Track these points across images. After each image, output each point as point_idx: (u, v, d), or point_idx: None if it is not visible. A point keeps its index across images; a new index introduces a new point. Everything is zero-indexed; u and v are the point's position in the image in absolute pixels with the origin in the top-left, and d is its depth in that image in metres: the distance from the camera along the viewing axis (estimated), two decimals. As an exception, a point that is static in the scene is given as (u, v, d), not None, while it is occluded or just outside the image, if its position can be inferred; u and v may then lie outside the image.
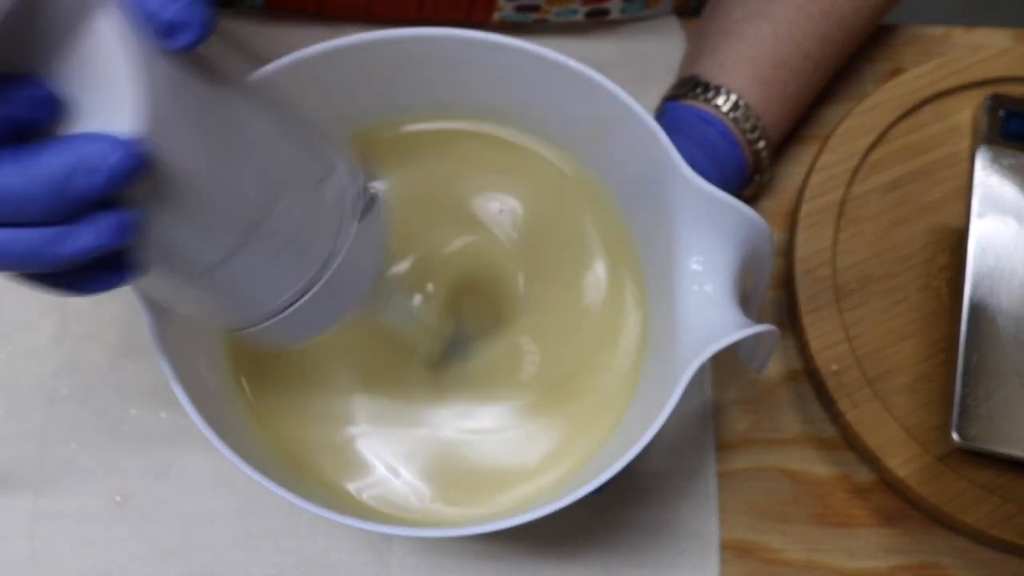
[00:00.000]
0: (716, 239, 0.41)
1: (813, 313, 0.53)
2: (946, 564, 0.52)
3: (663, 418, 0.38)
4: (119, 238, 0.27)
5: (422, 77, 0.45)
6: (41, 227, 0.26)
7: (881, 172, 0.56)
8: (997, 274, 0.53)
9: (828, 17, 0.52)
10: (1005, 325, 0.52)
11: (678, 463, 0.52)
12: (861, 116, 0.56)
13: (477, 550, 0.51)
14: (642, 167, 0.44)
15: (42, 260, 0.26)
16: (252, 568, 0.50)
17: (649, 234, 0.46)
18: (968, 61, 0.57)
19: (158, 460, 0.51)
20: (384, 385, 0.47)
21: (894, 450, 0.51)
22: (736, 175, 0.51)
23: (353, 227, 0.35)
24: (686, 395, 0.38)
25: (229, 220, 0.30)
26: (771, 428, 0.54)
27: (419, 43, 0.42)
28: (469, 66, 0.44)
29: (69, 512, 0.50)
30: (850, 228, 0.55)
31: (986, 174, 0.55)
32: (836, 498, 0.53)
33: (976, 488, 0.50)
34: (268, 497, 0.50)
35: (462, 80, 0.45)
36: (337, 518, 0.38)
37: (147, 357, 0.52)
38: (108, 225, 0.26)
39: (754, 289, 0.46)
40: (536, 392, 0.47)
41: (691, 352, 0.39)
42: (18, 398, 0.51)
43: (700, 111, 0.51)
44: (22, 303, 0.53)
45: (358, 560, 0.50)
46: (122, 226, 0.26)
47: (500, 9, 0.56)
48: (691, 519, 0.51)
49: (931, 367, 0.53)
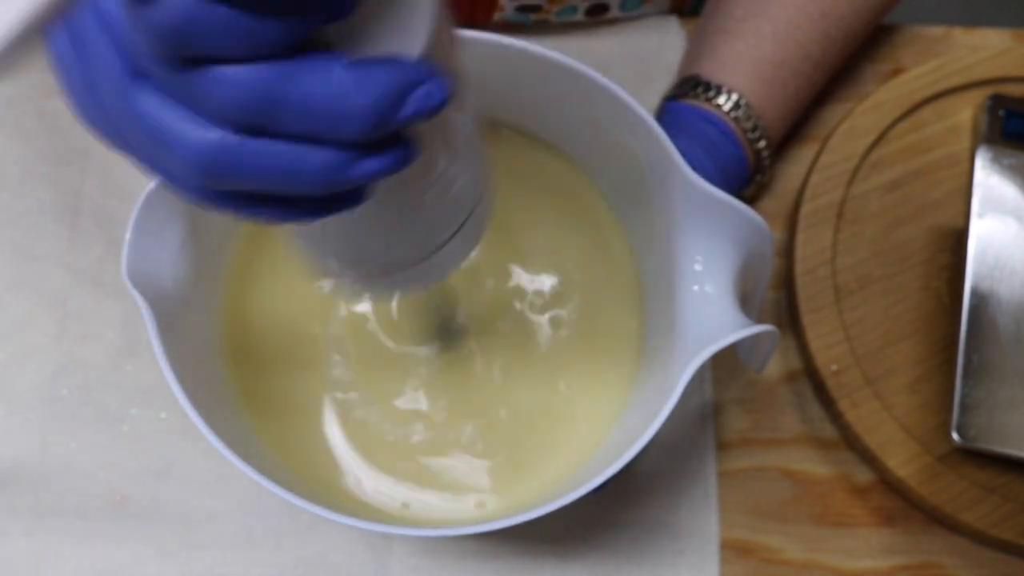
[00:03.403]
0: (716, 239, 0.41)
1: (813, 313, 0.53)
2: (946, 564, 0.52)
3: (663, 418, 0.38)
4: (397, 168, 0.25)
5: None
6: (333, 147, 0.23)
7: (881, 172, 0.56)
8: (997, 274, 0.53)
9: (828, 17, 0.52)
10: (1005, 325, 0.52)
11: (678, 463, 0.52)
12: (861, 116, 0.56)
13: (477, 550, 0.51)
14: (642, 167, 0.44)
15: (331, 182, 0.24)
16: (252, 568, 0.50)
17: (648, 234, 0.46)
18: (968, 61, 0.57)
19: (158, 460, 0.51)
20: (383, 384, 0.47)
21: (894, 450, 0.51)
22: (738, 175, 0.51)
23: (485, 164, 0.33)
24: (686, 395, 0.38)
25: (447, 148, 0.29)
26: (771, 428, 0.54)
27: None
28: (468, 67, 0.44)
29: (69, 512, 0.50)
30: (850, 228, 0.55)
31: (986, 174, 0.55)
32: (836, 498, 0.53)
33: (976, 488, 0.50)
34: (268, 497, 0.50)
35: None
36: (337, 518, 0.38)
37: (147, 357, 0.52)
38: (395, 155, 0.24)
39: (754, 289, 0.46)
40: (534, 391, 0.47)
41: (691, 352, 0.39)
42: (18, 398, 0.51)
43: (701, 110, 0.51)
44: (22, 303, 0.53)
45: (358, 560, 0.50)
46: (405, 157, 0.25)
47: (501, 10, 0.56)
48: (691, 519, 0.51)
49: (931, 367, 0.53)
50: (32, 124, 0.55)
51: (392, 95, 0.23)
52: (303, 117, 0.22)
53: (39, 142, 0.55)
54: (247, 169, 0.23)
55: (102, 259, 0.54)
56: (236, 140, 0.23)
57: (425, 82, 0.23)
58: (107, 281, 0.53)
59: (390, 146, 0.24)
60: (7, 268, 0.53)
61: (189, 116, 0.23)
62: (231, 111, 0.22)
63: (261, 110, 0.22)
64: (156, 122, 0.23)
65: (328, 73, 0.22)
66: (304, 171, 0.23)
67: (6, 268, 0.53)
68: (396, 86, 0.23)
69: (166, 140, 0.23)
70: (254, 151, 0.23)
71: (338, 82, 0.22)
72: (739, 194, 0.53)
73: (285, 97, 0.22)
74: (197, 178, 0.23)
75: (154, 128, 0.23)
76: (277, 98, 0.22)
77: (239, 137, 0.23)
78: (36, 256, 0.53)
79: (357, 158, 0.24)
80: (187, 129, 0.23)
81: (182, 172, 0.23)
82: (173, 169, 0.24)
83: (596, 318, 0.48)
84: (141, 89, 0.23)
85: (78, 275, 0.53)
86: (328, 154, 0.23)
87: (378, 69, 0.23)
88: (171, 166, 0.24)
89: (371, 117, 0.23)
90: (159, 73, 0.22)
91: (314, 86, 0.22)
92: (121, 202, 0.54)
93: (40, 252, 0.54)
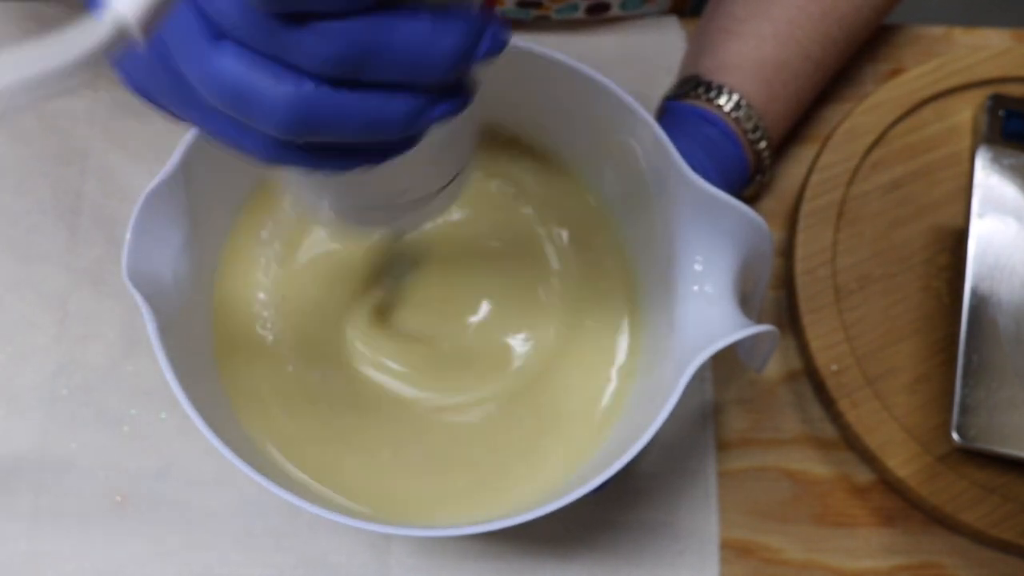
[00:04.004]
0: (716, 240, 0.41)
1: (813, 313, 0.53)
2: (946, 564, 0.52)
3: (663, 418, 0.38)
4: (462, 109, 0.27)
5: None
6: (412, 93, 0.25)
7: (881, 172, 0.56)
8: (997, 274, 0.53)
9: (829, 17, 0.52)
10: (1005, 325, 0.52)
11: (678, 463, 0.52)
12: (861, 116, 0.56)
13: (477, 550, 0.51)
14: (642, 167, 0.44)
15: (412, 126, 0.26)
16: (252, 568, 0.50)
17: (648, 234, 0.46)
18: (968, 61, 0.57)
19: (158, 460, 0.51)
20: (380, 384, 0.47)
21: (894, 450, 0.51)
22: (738, 175, 0.51)
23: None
24: (686, 395, 0.38)
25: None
26: (771, 428, 0.54)
27: None
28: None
29: (69, 512, 0.50)
30: (850, 228, 0.55)
31: (986, 174, 0.55)
32: (836, 498, 0.53)
33: (976, 488, 0.50)
34: (268, 497, 0.50)
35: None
36: (337, 518, 0.38)
37: (147, 357, 0.52)
38: (463, 97, 0.26)
39: (754, 289, 0.46)
40: (533, 391, 0.47)
41: (691, 352, 0.39)
42: (18, 398, 0.51)
43: (702, 110, 0.51)
44: (22, 303, 0.53)
45: (358, 560, 0.50)
46: (468, 98, 0.27)
47: (501, 4, 0.56)
48: (691, 519, 0.51)
49: (931, 367, 0.53)
50: (32, 124, 0.55)
51: (470, 39, 0.25)
52: (394, 65, 0.24)
53: (39, 142, 0.55)
54: (336, 118, 0.25)
55: (102, 259, 0.54)
56: (327, 90, 0.24)
57: (489, 27, 0.25)
58: (107, 281, 0.53)
59: (458, 90, 0.26)
60: (7, 268, 0.53)
61: (277, 72, 0.24)
62: (330, 63, 0.24)
63: (358, 60, 0.24)
64: (242, 79, 0.24)
65: (416, 22, 0.24)
66: (389, 118, 0.25)
67: (6, 268, 0.53)
68: (473, 31, 0.25)
69: (254, 96, 0.24)
70: (342, 101, 0.24)
71: (425, 30, 0.24)
72: (739, 194, 0.53)
73: (380, 47, 0.24)
74: (285, 131, 0.25)
75: (240, 85, 0.24)
76: (373, 47, 0.24)
77: (329, 88, 0.24)
78: (36, 256, 0.53)
79: (434, 102, 0.26)
80: (276, 83, 0.24)
81: (270, 126, 0.25)
82: (256, 126, 0.25)
83: (595, 318, 0.48)
84: (224, 51, 0.24)
85: (78, 275, 0.53)
86: (409, 99, 0.25)
87: (456, 17, 0.25)
88: (255, 123, 0.25)
89: (454, 60, 0.25)
90: (249, 32, 0.23)
91: (405, 34, 0.24)
92: (121, 202, 0.54)
93: (40, 252, 0.54)
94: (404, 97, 0.25)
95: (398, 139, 0.27)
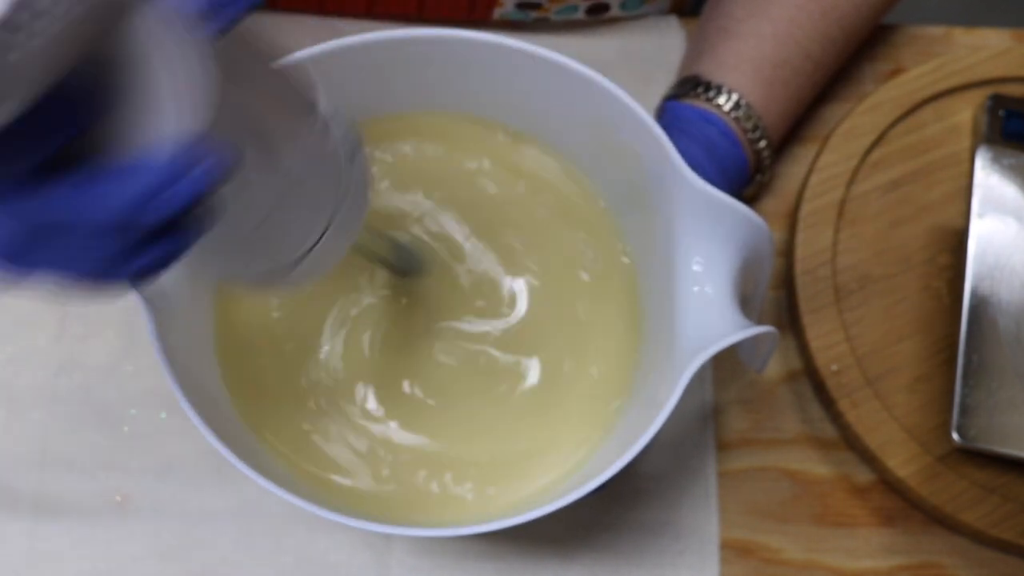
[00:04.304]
0: (716, 240, 0.41)
1: (813, 313, 0.53)
2: (946, 564, 0.52)
3: (663, 418, 0.38)
4: (179, 253, 0.26)
5: (421, 78, 0.45)
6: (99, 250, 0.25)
7: (881, 172, 0.56)
8: (997, 274, 0.53)
9: (828, 16, 0.52)
10: (1005, 325, 0.52)
11: (678, 463, 0.52)
12: (861, 116, 0.56)
13: (477, 550, 0.51)
14: (642, 167, 0.44)
15: (106, 282, 0.25)
16: (252, 568, 0.50)
17: (647, 234, 0.46)
18: (968, 61, 0.57)
19: (158, 460, 0.51)
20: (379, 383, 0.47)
21: (894, 450, 0.51)
22: (738, 175, 0.51)
23: (351, 167, 0.34)
24: (686, 395, 0.38)
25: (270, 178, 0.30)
26: (771, 428, 0.54)
27: (419, 44, 0.42)
28: (469, 67, 0.44)
29: (69, 512, 0.50)
30: (850, 228, 0.55)
31: (986, 174, 0.55)
32: (836, 498, 0.53)
33: (976, 488, 0.50)
34: (268, 497, 0.50)
35: (462, 81, 0.45)
36: (337, 518, 0.38)
37: (147, 357, 0.52)
38: (173, 242, 0.25)
39: (754, 290, 0.46)
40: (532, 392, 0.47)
41: (691, 353, 0.39)
42: (18, 398, 0.51)
43: (701, 110, 0.51)
44: (22, 303, 0.53)
45: (358, 560, 0.50)
46: (184, 242, 0.26)
47: (501, 6, 0.56)
48: (691, 519, 0.51)
49: (931, 367, 0.53)
50: (32, 124, 0.55)
51: (135, 203, 0.23)
52: (58, 241, 0.24)
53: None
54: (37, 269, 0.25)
55: (102, 259, 0.54)
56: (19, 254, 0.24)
57: (177, 180, 0.23)
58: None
59: (165, 236, 0.25)
60: (7, 268, 0.53)
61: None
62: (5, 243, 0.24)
63: (21, 245, 0.24)
64: None
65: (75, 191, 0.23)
66: (81, 272, 0.25)
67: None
68: (135, 197, 0.23)
69: None
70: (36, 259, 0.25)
71: (72, 207, 0.23)
72: (739, 194, 0.53)
73: (34, 232, 0.24)
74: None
75: None
76: (29, 234, 0.24)
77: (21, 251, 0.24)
78: (36, 256, 0.53)
79: (130, 255, 0.25)
80: None
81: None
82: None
83: (595, 319, 0.48)
84: None
85: (78, 275, 0.53)
86: (99, 256, 0.24)
87: (115, 181, 0.23)
88: None
89: (113, 231, 0.24)
90: None
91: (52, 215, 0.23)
92: (121, 202, 0.54)
93: (40, 252, 0.53)
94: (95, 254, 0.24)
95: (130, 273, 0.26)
